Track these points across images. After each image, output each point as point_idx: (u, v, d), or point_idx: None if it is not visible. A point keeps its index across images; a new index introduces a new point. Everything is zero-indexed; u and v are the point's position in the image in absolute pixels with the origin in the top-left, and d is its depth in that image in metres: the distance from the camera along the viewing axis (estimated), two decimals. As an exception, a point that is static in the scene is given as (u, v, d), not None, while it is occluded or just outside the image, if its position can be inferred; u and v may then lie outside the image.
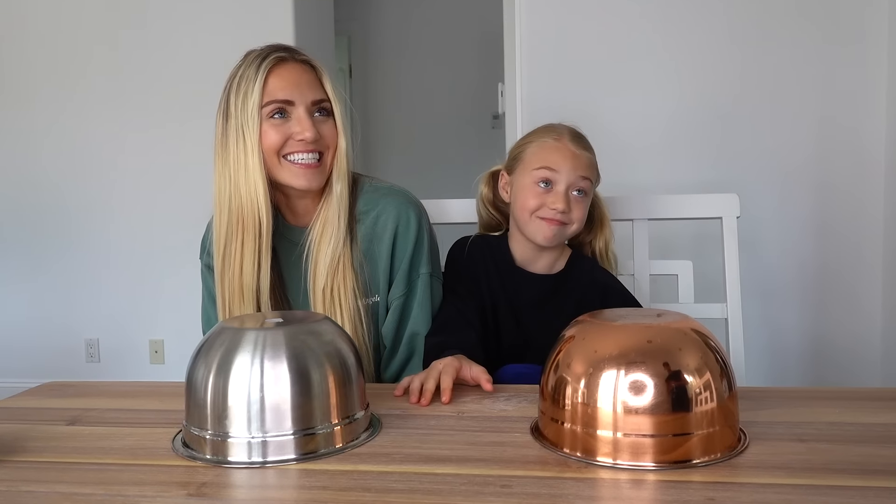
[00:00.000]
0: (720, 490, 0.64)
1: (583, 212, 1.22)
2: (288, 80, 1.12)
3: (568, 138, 1.23)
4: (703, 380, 0.71)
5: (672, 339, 0.73)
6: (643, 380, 0.70)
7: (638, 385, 0.70)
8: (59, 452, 0.80)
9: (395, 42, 4.07)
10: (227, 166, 1.12)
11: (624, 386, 0.71)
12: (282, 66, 1.13)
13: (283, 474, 0.72)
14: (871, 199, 2.26)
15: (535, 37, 2.36)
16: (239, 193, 1.12)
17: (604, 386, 0.72)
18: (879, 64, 2.22)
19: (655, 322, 0.77)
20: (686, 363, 0.72)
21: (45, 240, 3.06)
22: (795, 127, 2.27)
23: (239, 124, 1.11)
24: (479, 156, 3.98)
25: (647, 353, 0.72)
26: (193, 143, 2.87)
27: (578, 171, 1.20)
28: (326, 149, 1.14)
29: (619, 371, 0.71)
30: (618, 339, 0.74)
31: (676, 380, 0.71)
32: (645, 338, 0.73)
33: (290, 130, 1.11)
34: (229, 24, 2.84)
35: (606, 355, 0.73)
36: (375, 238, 1.18)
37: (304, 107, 1.11)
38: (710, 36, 2.27)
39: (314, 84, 1.14)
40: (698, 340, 0.74)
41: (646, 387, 0.70)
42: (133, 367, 3.00)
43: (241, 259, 1.13)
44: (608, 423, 0.71)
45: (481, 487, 0.66)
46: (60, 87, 2.98)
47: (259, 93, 1.10)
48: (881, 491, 0.63)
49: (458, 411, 0.89)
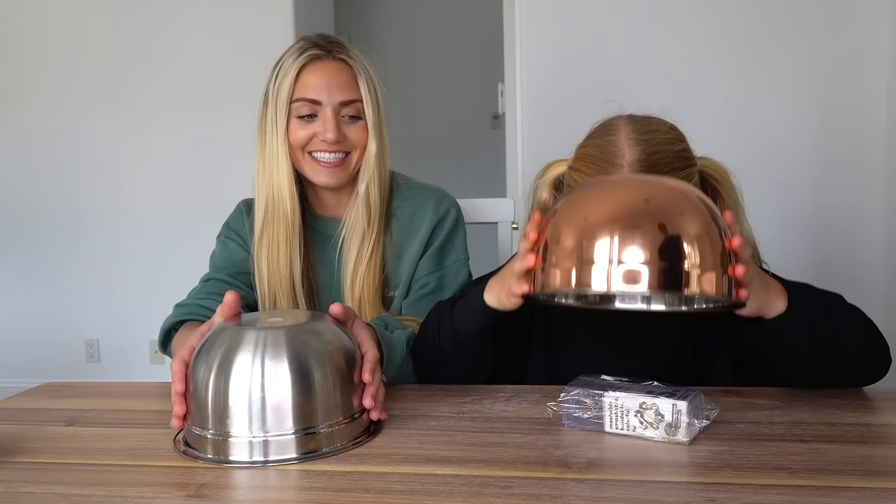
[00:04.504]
0: (720, 490, 0.64)
1: None
2: (319, 79, 1.13)
3: (632, 158, 0.94)
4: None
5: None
6: None
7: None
8: (58, 453, 0.80)
9: (395, 42, 4.06)
10: (265, 152, 1.16)
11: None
12: (316, 63, 1.14)
13: (282, 475, 0.72)
14: (871, 198, 2.26)
15: (535, 37, 2.36)
16: (271, 180, 1.15)
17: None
18: (880, 63, 2.22)
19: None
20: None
21: (45, 240, 3.05)
22: (795, 126, 2.26)
23: (274, 113, 1.14)
24: (479, 156, 4.00)
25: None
26: (193, 143, 2.87)
27: None
28: (353, 148, 1.16)
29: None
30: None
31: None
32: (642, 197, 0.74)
33: (315, 129, 1.13)
34: (229, 25, 2.84)
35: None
36: (411, 233, 1.20)
37: (330, 107, 1.13)
38: (710, 36, 2.27)
39: (346, 84, 1.14)
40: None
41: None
42: (133, 367, 3.00)
43: (278, 246, 1.16)
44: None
45: (481, 488, 0.66)
46: (60, 87, 2.97)
47: (289, 88, 1.12)
48: (882, 492, 0.63)
49: (459, 412, 0.89)
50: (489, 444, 0.77)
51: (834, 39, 2.23)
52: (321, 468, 0.73)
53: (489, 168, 3.69)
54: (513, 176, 2.51)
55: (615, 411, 0.78)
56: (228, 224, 1.27)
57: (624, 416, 0.78)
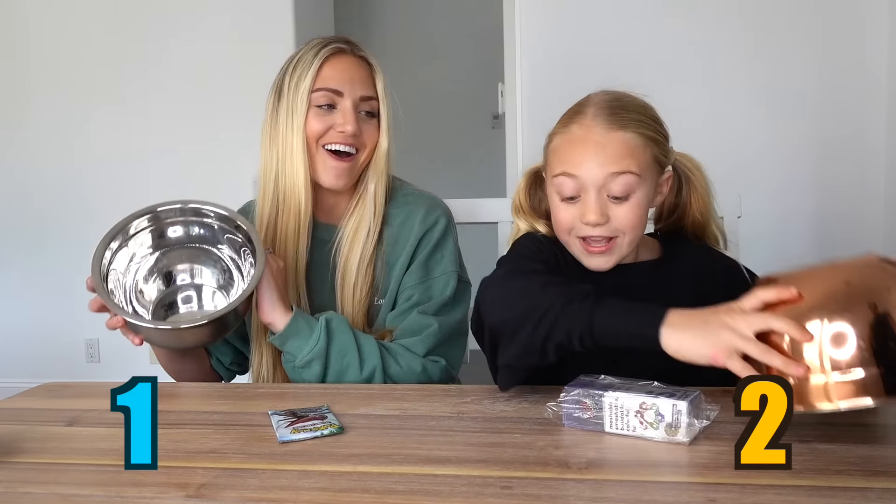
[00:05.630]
0: (720, 490, 0.64)
1: (633, 215, 0.95)
2: (342, 71, 1.14)
3: (594, 118, 0.94)
4: None
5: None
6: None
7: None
8: (58, 453, 0.80)
9: (395, 42, 4.06)
10: (276, 144, 1.15)
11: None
12: (339, 56, 1.15)
13: (282, 475, 0.71)
14: (871, 196, 2.26)
15: (535, 37, 2.36)
16: (285, 173, 1.15)
17: None
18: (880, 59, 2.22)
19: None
20: None
21: (44, 240, 3.05)
22: (794, 125, 2.26)
23: (290, 105, 1.14)
24: (479, 156, 4.00)
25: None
26: (194, 144, 2.87)
27: (606, 167, 0.93)
28: (363, 147, 1.16)
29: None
30: None
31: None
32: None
33: (333, 121, 1.14)
34: (230, 25, 2.84)
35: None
36: (400, 241, 1.18)
37: (351, 100, 1.14)
38: (710, 34, 2.27)
39: (366, 81, 1.17)
40: None
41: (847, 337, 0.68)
42: (133, 368, 2.98)
43: (286, 239, 1.16)
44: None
45: (481, 488, 0.66)
46: (60, 88, 2.97)
47: (312, 77, 1.13)
48: (882, 492, 0.63)
49: (459, 412, 0.89)
50: (489, 444, 0.77)
51: (834, 36, 2.23)
52: (321, 468, 0.73)
53: (489, 168, 3.69)
54: (513, 176, 2.51)
55: (615, 411, 0.78)
56: None
57: (624, 416, 0.78)
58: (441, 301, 1.15)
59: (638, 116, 0.96)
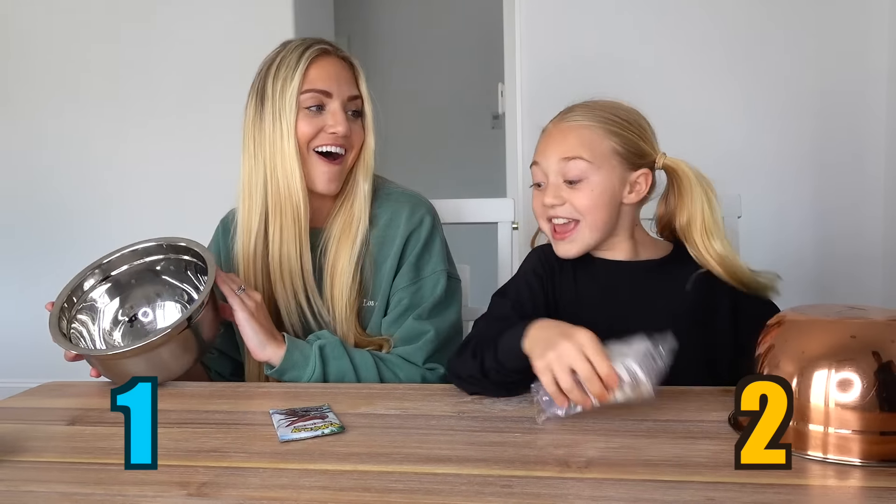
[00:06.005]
0: (720, 490, 0.64)
1: (587, 199, 1.00)
2: (329, 72, 1.14)
3: (563, 115, 1.05)
4: None
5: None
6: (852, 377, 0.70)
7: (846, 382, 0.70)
8: (59, 452, 0.80)
9: (396, 42, 4.06)
10: (263, 150, 1.15)
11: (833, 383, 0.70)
12: (324, 58, 1.15)
13: (283, 474, 0.72)
14: (871, 196, 2.26)
15: (535, 37, 2.36)
16: (276, 178, 1.14)
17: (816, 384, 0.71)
18: (880, 60, 2.22)
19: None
20: None
21: (45, 239, 3.05)
22: (794, 125, 2.26)
23: (276, 109, 1.13)
24: (479, 156, 3.99)
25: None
26: (194, 144, 2.86)
27: (560, 153, 1.01)
28: (351, 148, 1.16)
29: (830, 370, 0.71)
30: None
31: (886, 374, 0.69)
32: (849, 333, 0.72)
33: (323, 123, 1.13)
34: (230, 25, 2.84)
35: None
36: (387, 241, 1.18)
37: (339, 101, 1.14)
38: (710, 34, 2.27)
39: (351, 81, 1.17)
40: None
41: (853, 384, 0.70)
42: (133, 367, 2.99)
43: (281, 244, 1.14)
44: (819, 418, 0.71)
45: (482, 487, 0.66)
46: (60, 88, 2.97)
47: (300, 80, 1.12)
48: (882, 491, 0.63)
49: (459, 411, 0.89)
50: (489, 444, 0.78)
51: (834, 35, 2.23)
52: (321, 467, 0.73)
53: (489, 168, 3.69)
54: (513, 176, 2.51)
55: None
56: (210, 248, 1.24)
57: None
58: (433, 302, 1.15)
59: (604, 113, 1.03)
